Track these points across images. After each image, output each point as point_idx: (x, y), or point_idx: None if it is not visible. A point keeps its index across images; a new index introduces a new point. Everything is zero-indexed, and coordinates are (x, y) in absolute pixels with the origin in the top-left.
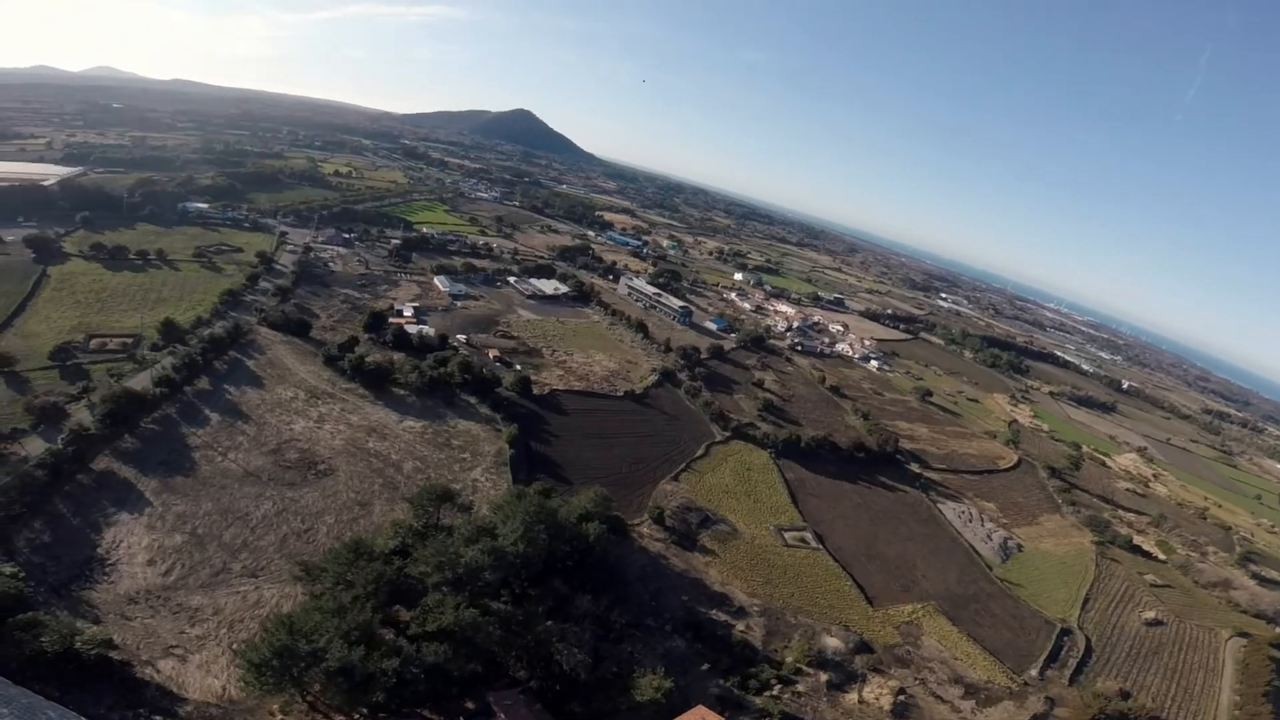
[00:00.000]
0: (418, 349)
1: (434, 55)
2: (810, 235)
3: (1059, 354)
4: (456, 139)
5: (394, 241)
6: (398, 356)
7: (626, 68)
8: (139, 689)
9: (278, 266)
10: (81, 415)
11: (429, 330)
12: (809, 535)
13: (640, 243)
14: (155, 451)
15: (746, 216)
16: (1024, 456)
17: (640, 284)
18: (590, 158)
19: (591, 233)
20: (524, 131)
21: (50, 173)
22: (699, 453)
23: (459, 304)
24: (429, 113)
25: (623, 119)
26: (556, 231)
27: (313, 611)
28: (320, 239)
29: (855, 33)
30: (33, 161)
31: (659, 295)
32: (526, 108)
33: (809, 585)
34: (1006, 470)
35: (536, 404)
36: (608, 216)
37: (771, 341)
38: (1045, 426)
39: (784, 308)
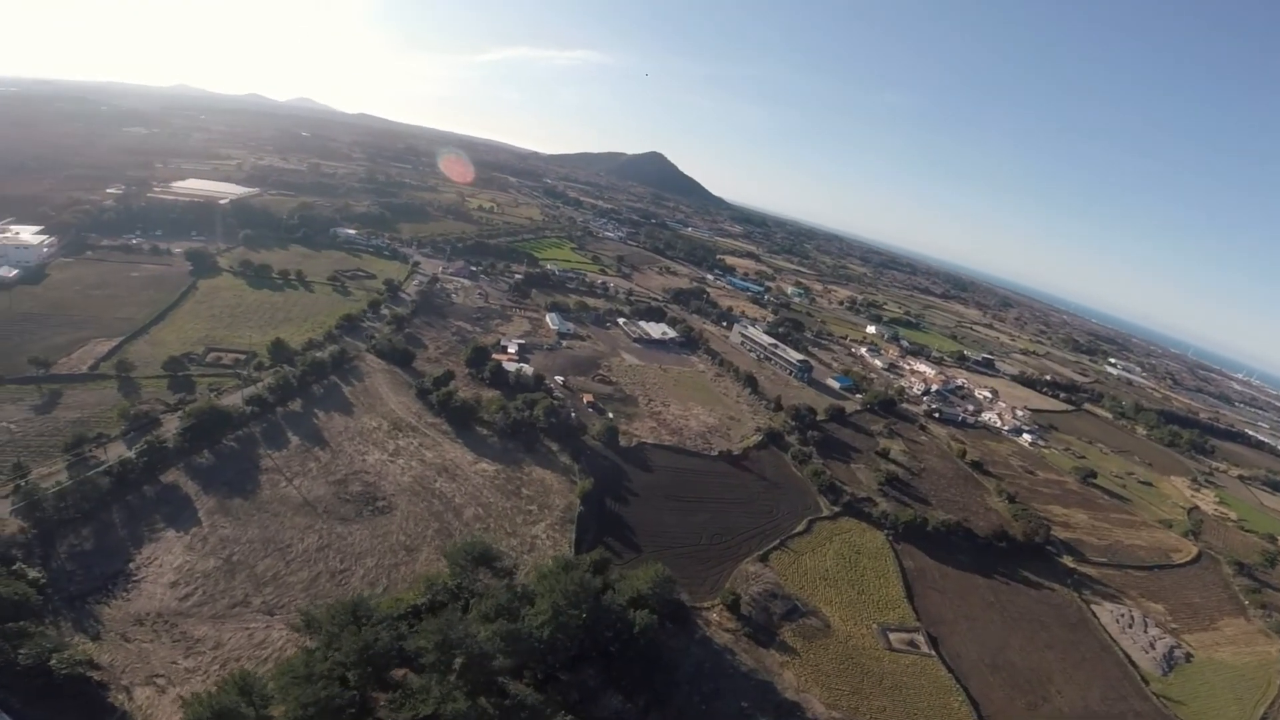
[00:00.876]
0: (513, 387)
1: (578, 99)
2: (957, 287)
3: (1250, 433)
4: (593, 179)
5: (516, 276)
6: (489, 394)
7: (758, 112)
8: (103, 714)
9: (402, 295)
10: (172, 426)
11: (527, 369)
12: (920, 638)
13: (761, 288)
14: (225, 470)
15: (885, 265)
16: (1205, 550)
17: (755, 333)
18: (719, 201)
19: (710, 276)
20: (656, 174)
21: (229, 192)
22: (798, 529)
23: (565, 343)
24: (571, 154)
25: (753, 163)
26: (675, 274)
27: (283, 673)
28: (449, 270)
29: (1006, 75)
30: (219, 180)
31: (775, 346)
32: (659, 150)
33: (908, 698)
34: (1182, 565)
35: (621, 457)
36: (730, 260)
37: (904, 405)
38: (1233, 515)
39: (922, 367)
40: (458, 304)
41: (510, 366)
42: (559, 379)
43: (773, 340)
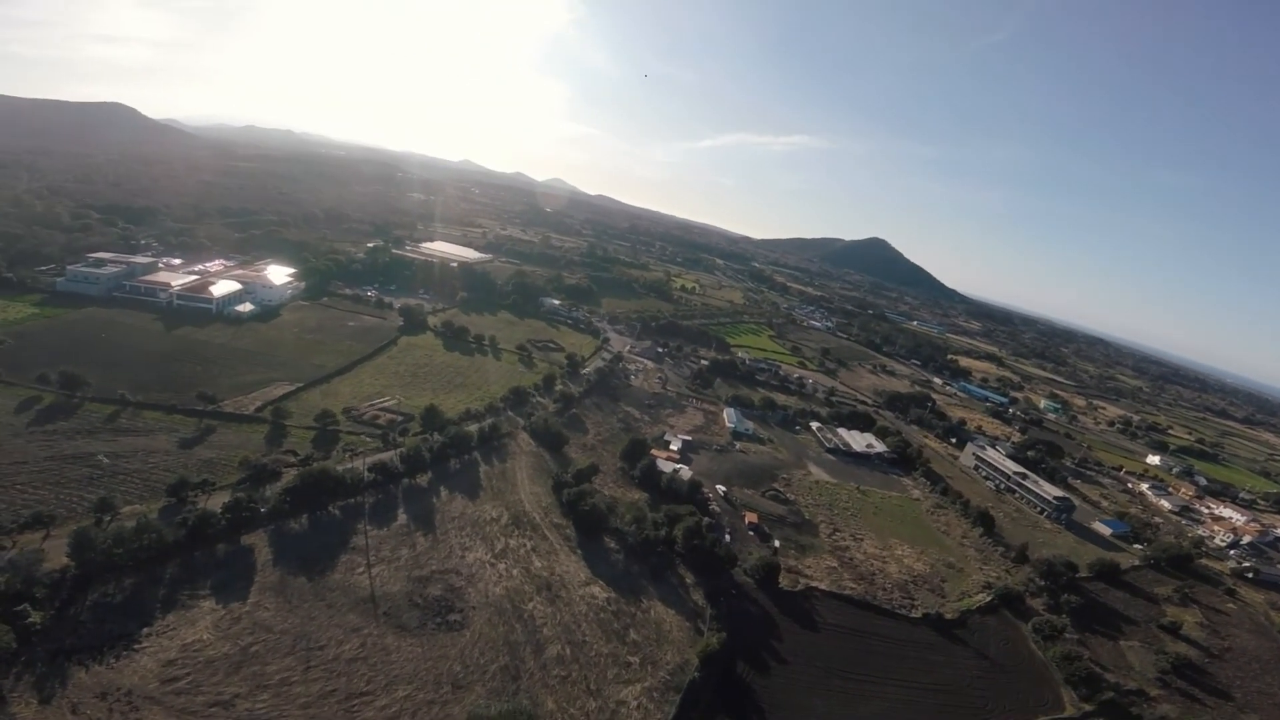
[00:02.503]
0: (663, 492)
1: (793, 183)
2: (1264, 410)
3: None
4: (805, 265)
5: (702, 362)
6: (634, 496)
7: (995, 196)
8: None
9: (582, 371)
10: (287, 482)
11: (684, 473)
12: None
13: (1005, 399)
14: (311, 541)
15: (1166, 378)
16: None
17: (996, 456)
18: (952, 294)
19: (938, 380)
20: (877, 261)
21: (465, 257)
22: None
23: (739, 445)
24: (783, 239)
25: (990, 253)
26: (892, 373)
27: None
28: (635, 350)
29: None
30: (461, 245)
31: (1023, 476)
32: (881, 236)
33: None
34: None
35: (777, 603)
36: (963, 362)
37: (1203, 562)
38: None
39: (1228, 512)
40: (634, 387)
41: (666, 467)
42: (720, 488)
43: (1020, 469)
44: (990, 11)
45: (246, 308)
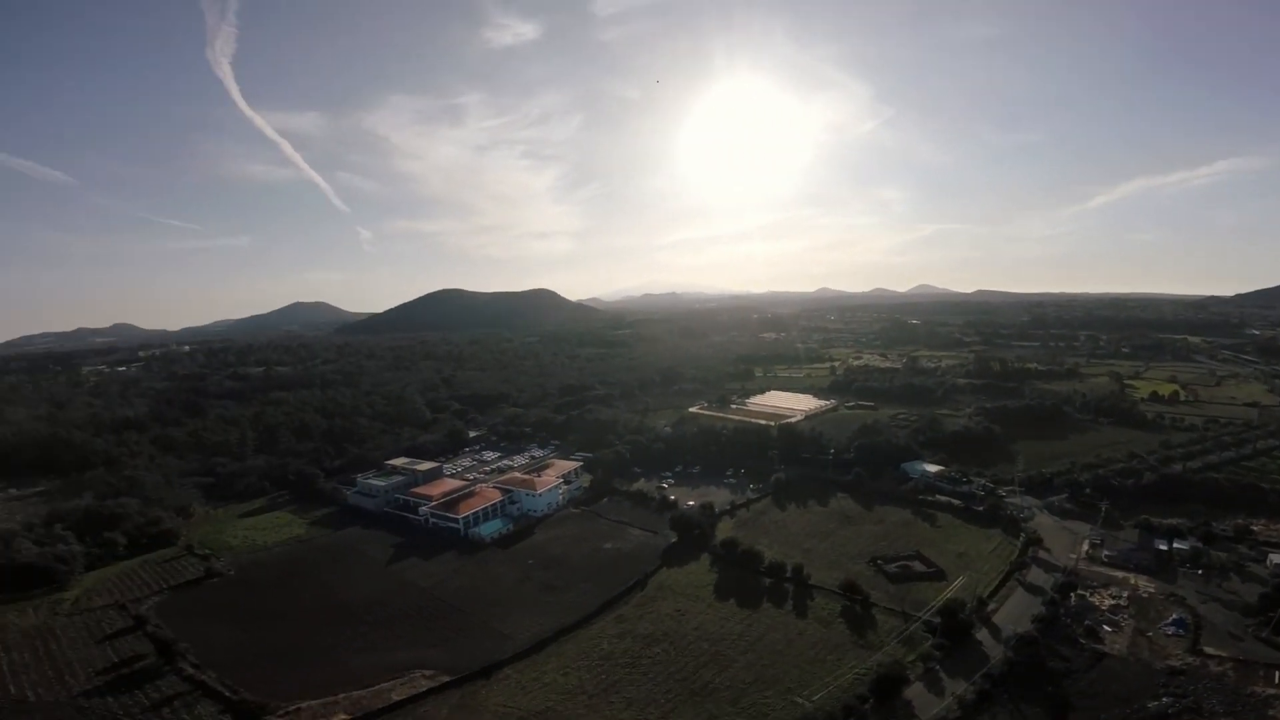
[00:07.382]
0: None
1: (1238, 218)
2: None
3: None
4: None
5: (1271, 560)
6: None
7: None
8: None
9: (979, 641)
10: None
11: None
12: None
13: None
14: None
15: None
16: None
17: None
18: None
19: None
20: None
21: (800, 409)
22: None
23: None
24: (1270, 287)
25: None
26: None
27: None
28: (1098, 548)
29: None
30: (799, 393)
31: None
32: None
33: None
34: None
35: None
36: None
37: None
38: None
39: None
40: (1113, 659)
41: None
42: None
43: None
44: None
45: (485, 534)
